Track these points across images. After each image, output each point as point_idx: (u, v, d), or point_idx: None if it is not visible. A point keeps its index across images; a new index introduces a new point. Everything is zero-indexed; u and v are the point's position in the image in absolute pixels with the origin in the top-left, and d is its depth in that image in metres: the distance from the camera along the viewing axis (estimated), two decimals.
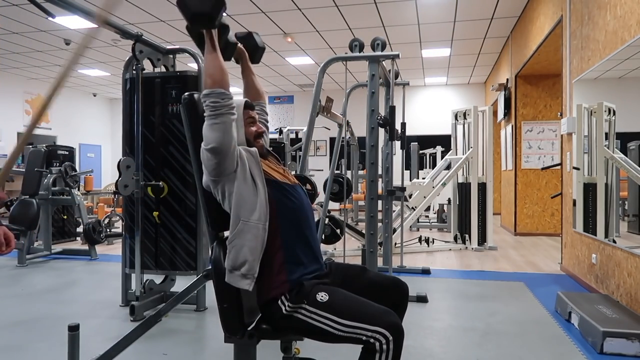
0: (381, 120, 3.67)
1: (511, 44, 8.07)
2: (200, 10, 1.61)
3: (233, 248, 1.58)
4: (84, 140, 13.36)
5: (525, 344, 2.80)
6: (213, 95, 1.61)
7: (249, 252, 1.56)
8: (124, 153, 3.46)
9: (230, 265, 1.57)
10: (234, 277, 1.57)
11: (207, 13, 1.62)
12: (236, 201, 1.61)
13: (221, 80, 1.64)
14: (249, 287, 1.55)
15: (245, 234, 1.57)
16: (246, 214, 1.59)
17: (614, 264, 3.50)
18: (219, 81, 1.64)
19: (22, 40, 8.47)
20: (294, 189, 1.72)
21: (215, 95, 1.61)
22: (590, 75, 4.03)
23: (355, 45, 3.86)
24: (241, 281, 1.55)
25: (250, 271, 1.55)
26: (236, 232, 1.59)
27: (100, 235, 5.69)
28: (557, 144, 7.29)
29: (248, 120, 1.78)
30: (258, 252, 1.57)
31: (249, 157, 1.66)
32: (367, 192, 3.76)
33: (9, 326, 3.13)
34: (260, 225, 1.58)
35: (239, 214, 1.60)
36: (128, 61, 3.45)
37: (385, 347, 1.40)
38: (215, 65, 1.66)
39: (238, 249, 1.57)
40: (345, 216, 5.35)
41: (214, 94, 1.61)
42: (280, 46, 8.77)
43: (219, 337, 1.78)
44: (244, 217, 1.59)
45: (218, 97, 1.61)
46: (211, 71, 1.65)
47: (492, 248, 6.15)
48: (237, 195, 1.61)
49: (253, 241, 1.57)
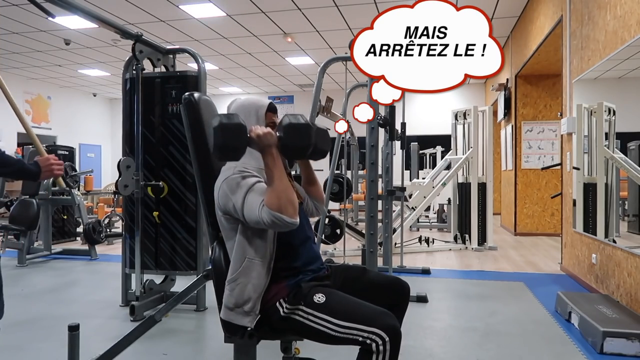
0: (381, 120, 3.67)
1: (511, 43, 8.07)
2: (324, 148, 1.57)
3: (237, 286, 1.54)
4: (84, 140, 13.35)
5: (525, 344, 2.80)
6: (289, 225, 1.45)
7: (252, 290, 1.53)
8: (124, 153, 3.46)
9: (233, 303, 1.53)
10: (235, 315, 1.53)
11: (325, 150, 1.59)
12: (242, 238, 1.56)
13: (297, 212, 1.48)
14: (251, 325, 1.53)
15: (251, 272, 1.54)
16: (252, 253, 1.55)
17: (614, 264, 3.50)
18: (296, 213, 1.47)
19: (22, 40, 8.47)
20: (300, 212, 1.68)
21: (289, 226, 1.46)
22: (590, 75, 4.03)
23: None
24: (244, 319, 1.53)
25: (253, 309, 1.53)
26: (241, 270, 1.54)
27: (100, 235, 5.69)
28: (557, 144, 7.28)
29: (269, 124, 1.67)
30: (261, 289, 1.55)
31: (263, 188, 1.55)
32: (367, 192, 3.75)
33: (9, 326, 3.13)
34: (265, 263, 1.55)
35: (245, 251, 1.55)
36: (128, 61, 3.45)
37: (382, 348, 1.40)
38: (293, 194, 1.48)
39: (243, 287, 1.53)
40: (345, 216, 5.35)
41: (289, 225, 1.45)
42: (280, 46, 8.77)
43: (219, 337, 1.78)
44: (250, 255, 1.55)
45: (285, 226, 1.45)
46: (293, 199, 1.46)
47: (492, 248, 6.15)
48: (243, 233, 1.56)
49: (257, 279, 1.54)
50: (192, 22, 7.43)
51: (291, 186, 1.51)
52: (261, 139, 1.47)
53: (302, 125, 1.48)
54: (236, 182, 1.52)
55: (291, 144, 1.50)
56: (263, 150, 1.49)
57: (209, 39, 8.32)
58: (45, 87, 12.16)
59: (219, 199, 1.58)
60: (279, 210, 1.42)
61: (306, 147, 1.51)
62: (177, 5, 6.73)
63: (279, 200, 1.43)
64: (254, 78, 11.54)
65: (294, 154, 1.56)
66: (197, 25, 7.59)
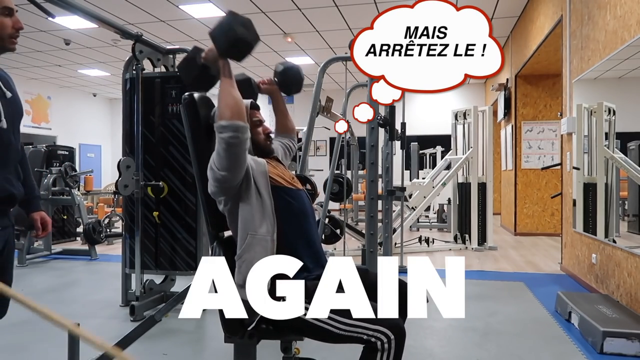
0: (381, 120, 3.67)
1: (511, 43, 8.07)
2: (245, 37, 1.61)
3: (244, 263, 1.57)
4: (84, 140, 13.35)
5: (525, 344, 2.80)
6: (231, 128, 1.54)
7: None
8: (124, 153, 3.46)
9: (242, 280, 1.54)
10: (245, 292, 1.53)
11: (249, 43, 1.62)
12: (242, 215, 1.60)
13: (239, 111, 1.57)
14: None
15: (255, 247, 1.57)
16: (254, 228, 1.58)
17: (614, 264, 3.50)
18: (237, 113, 1.56)
19: (22, 40, 8.45)
20: (298, 194, 1.72)
21: (234, 129, 1.54)
22: (590, 75, 4.03)
23: None
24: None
25: None
26: (245, 246, 1.58)
27: (100, 235, 5.69)
28: (557, 144, 7.28)
29: (254, 121, 1.77)
30: None
31: (255, 167, 1.65)
32: (367, 192, 3.75)
33: (9, 326, 3.12)
34: (268, 237, 1.59)
35: (246, 228, 1.59)
36: (128, 61, 3.45)
37: (387, 346, 1.40)
38: (233, 96, 1.59)
39: (249, 263, 1.54)
40: (345, 216, 5.35)
41: (232, 128, 1.54)
42: (280, 46, 8.77)
43: (219, 337, 1.77)
44: (251, 230, 1.58)
45: (237, 132, 1.54)
46: (229, 102, 1.57)
47: (492, 248, 6.15)
48: (242, 210, 1.61)
49: (263, 254, 1.56)
50: (192, 22, 7.43)
51: (230, 91, 1.61)
52: (207, 54, 1.68)
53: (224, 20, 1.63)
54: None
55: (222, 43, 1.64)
56: (216, 64, 1.65)
57: (209, 39, 8.29)
58: (45, 87, 12.16)
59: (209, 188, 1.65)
60: (231, 118, 1.54)
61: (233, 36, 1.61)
62: (177, 5, 6.73)
63: (230, 110, 1.56)
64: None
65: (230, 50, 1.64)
66: (197, 25, 7.58)
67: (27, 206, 1.83)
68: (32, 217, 1.82)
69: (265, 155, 1.79)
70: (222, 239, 1.73)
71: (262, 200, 1.61)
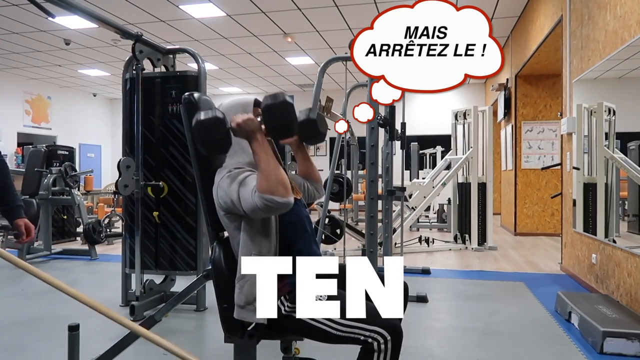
0: (381, 120, 3.67)
1: (511, 43, 8.07)
2: (322, 131, 1.62)
3: (246, 283, 1.54)
4: (84, 140, 13.35)
5: (525, 344, 2.80)
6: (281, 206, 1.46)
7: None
8: (124, 153, 3.46)
9: (244, 301, 1.53)
10: (247, 312, 1.53)
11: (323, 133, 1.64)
12: (246, 235, 1.57)
13: (290, 191, 1.49)
14: (265, 320, 1.52)
15: None
16: (257, 249, 1.56)
17: (614, 264, 3.50)
18: (289, 193, 1.48)
19: (22, 40, 8.47)
20: (295, 203, 1.70)
21: (284, 207, 1.47)
22: (590, 75, 4.02)
23: None
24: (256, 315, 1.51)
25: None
26: None
27: (100, 235, 5.69)
28: (557, 144, 7.28)
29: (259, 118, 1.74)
30: None
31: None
32: (367, 192, 3.75)
33: (9, 326, 3.13)
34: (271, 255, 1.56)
35: (249, 249, 1.56)
36: (128, 61, 3.45)
37: (384, 347, 1.40)
38: (283, 174, 1.49)
39: (252, 284, 1.51)
40: (345, 216, 5.35)
41: (283, 206, 1.46)
42: (280, 46, 8.77)
43: (219, 337, 1.78)
44: (254, 251, 1.55)
45: (284, 209, 1.48)
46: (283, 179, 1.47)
47: (492, 248, 6.15)
48: (248, 230, 1.57)
49: None
50: (192, 22, 7.43)
51: (280, 167, 1.53)
52: (242, 126, 1.51)
53: (280, 103, 1.51)
54: (230, 179, 1.56)
55: (272, 123, 1.53)
56: (248, 136, 1.52)
57: (209, 39, 8.32)
58: (45, 87, 12.15)
59: (218, 200, 1.60)
60: (270, 192, 1.44)
61: (287, 124, 1.54)
62: (177, 5, 6.73)
63: (269, 182, 1.45)
64: (254, 78, 11.54)
65: (277, 132, 1.57)
66: (197, 25, 7.58)
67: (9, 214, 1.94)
68: (16, 224, 1.93)
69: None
70: (222, 239, 1.73)
71: (269, 220, 1.58)
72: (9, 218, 1.93)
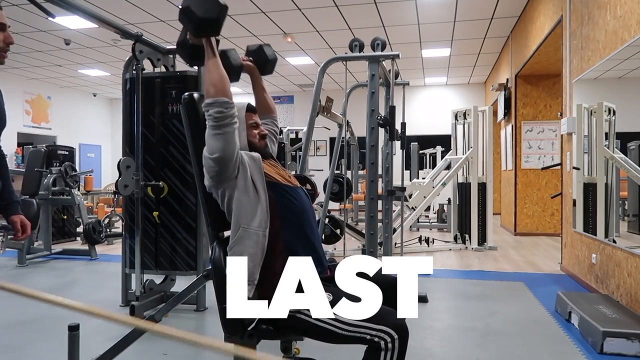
0: (381, 120, 3.67)
1: (511, 44, 8.07)
2: (207, 15, 1.61)
3: (233, 255, 1.59)
4: (84, 140, 13.35)
5: (525, 344, 2.80)
6: (217, 104, 1.58)
7: (249, 259, 1.56)
8: (124, 153, 3.46)
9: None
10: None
11: (214, 18, 1.62)
12: (236, 208, 1.61)
13: (223, 88, 1.61)
14: (250, 294, 1.55)
15: (246, 240, 1.58)
16: (246, 221, 1.59)
17: (614, 264, 3.50)
18: (222, 89, 1.60)
19: (22, 40, 8.47)
20: (295, 191, 1.72)
21: (218, 105, 1.58)
22: (590, 75, 4.03)
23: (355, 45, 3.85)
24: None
25: (250, 277, 1.55)
26: (236, 238, 1.60)
27: (100, 235, 5.69)
28: (557, 144, 7.29)
29: (251, 123, 1.78)
30: (258, 259, 1.58)
31: (251, 163, 1.66)
32: (367, 192, 3.75)
33: (9, 326, 3.13)
34: (260, 232, 1.59)
35: (239, 220, 1.60)
36: (128, 61, 3.45)
37: (391, 346, 1.41)
38: (217, 73, 1.63)
39: (238, 255, 1.57)
40: (345, 216, 5.35)
41: (217, 104, 1.58)
42: (280, 46, 8.76)
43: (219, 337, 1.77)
44: (244, 223, 1.60)
45: (222, 107, 1.58)
46: (214, 79, 1.61)
47: (492, 248, 6.15)
48: (237, 202, 1.61)
49: (253, 248, 1.57)
50: None
51: (213, 68, 1.64)
52: (190, 36, 1.73)
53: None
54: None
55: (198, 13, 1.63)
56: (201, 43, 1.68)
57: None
58: (45, 87, 12.16)
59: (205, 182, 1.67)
60: (215, 94, 1.58)
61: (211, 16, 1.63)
62: (177, 6, 6.71)
63: (214, 87, 1.59)
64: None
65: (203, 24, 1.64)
66: None
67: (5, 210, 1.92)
68: (12, 220, 1.91)
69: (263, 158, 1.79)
70: (222, 239, 1.73)
71: (258, 194, 1.62)
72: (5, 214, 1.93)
